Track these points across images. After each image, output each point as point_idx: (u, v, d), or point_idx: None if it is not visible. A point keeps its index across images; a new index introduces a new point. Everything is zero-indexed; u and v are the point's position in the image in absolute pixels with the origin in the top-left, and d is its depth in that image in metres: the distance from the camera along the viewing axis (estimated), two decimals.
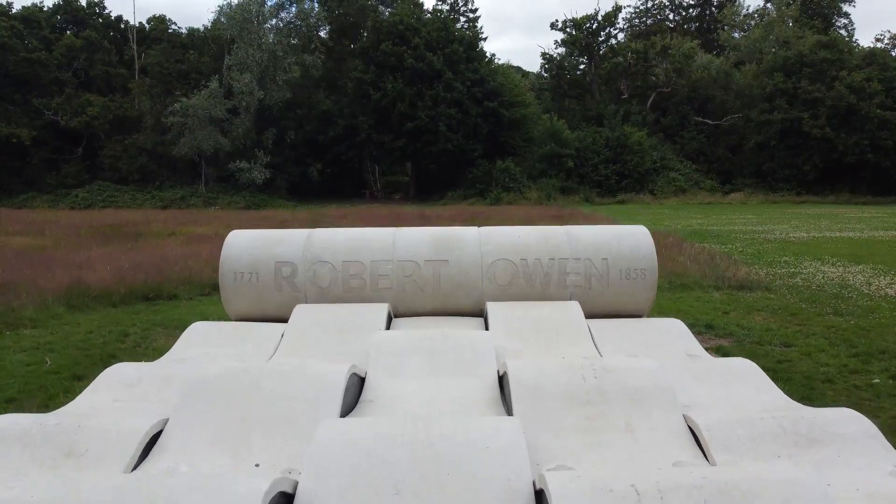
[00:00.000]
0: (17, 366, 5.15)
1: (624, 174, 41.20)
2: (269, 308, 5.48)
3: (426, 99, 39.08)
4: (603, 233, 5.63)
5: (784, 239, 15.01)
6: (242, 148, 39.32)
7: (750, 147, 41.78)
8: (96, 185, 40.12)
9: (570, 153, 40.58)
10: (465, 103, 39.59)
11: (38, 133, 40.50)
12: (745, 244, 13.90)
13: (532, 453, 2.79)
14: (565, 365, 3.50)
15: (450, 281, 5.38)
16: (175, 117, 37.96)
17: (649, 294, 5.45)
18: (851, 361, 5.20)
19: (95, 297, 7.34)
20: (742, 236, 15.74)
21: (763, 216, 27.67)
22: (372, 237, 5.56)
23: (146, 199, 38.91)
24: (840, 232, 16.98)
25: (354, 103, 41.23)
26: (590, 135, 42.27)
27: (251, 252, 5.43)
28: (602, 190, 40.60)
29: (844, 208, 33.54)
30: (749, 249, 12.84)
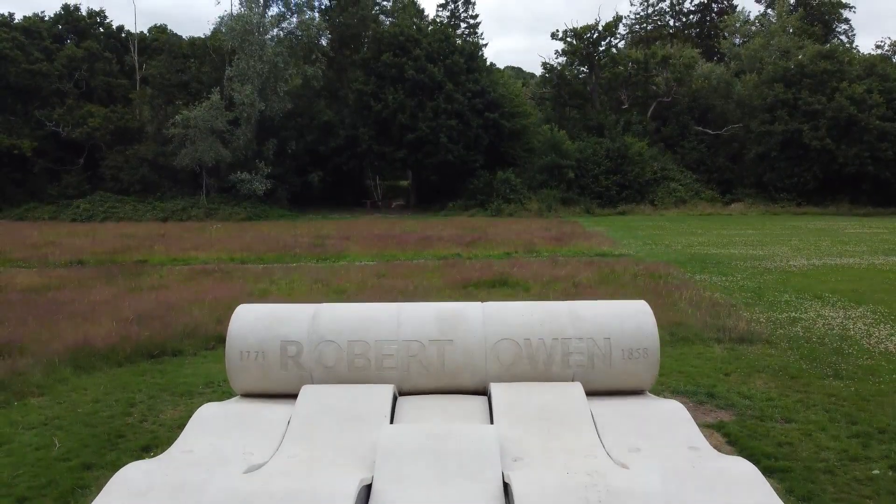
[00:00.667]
0: (26, 451, 5.21)
1: (624, 185, 41.28)
2: (274, 386, 5.55)
3: (427, 110, 39.17)
4: (605, 310, 5.69)
5: (784, 268, 15.08)
6: (243, 159, 39.41)
7: (750, 157, 41.87)
8: (97, 196, 40.21)
9: (571, 164, 40.66)
10: (466, 114, 39.68)
11: (39, 144, 40.60)
12: (746, 276, 13.96)
13: None
14: (571, 487, 3.56)
15: (454, 361, 5.44)
16: (176, 129, 38.05)
17: (651, 372, 5.51)
18: (852, 445, 5.26)
19: (101, 356, 7.41)
20: (742, 264, 15.81)
21: (763, 230, 27.73)
22: (377, 316, 5.62)
23: (147, 210, 39.00)
24: (840, 257, 17.06)
25: (355, 114, 41.33)
26: (590, 145, 42.35)
27: (257, 331, 5.48)
28: (602, 201, 40.68)
29: (845, 221, 33.62)
30: (749, 283, 12.91)
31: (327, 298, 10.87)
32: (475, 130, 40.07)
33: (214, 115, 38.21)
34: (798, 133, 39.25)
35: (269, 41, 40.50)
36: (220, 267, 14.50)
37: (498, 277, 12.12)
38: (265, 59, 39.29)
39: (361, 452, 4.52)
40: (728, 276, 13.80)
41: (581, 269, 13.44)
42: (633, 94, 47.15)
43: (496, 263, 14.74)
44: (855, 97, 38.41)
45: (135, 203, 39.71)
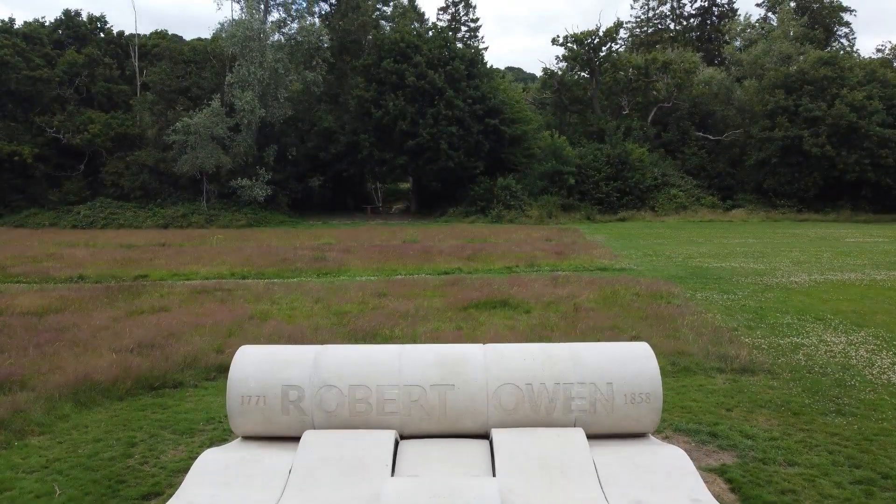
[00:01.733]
0: (26, 499, 5.20)
1: (625, 191, 41.27)
2: (275, 429, 5.53)
3: (427, 116, 39.17)
4: (607, 354, 5.67)
5: (786, 285, 15.08)
6: (244, 165, 39.42)
7: (751, 164, 41.86)
8: (98, 202, 40.22)
9: (571, 170, 40.66)
10: (467, 121, 39.69)
11: (40, 150, 40.63)
12: (747, 293, 13.96)
13: None
14: None
15: (455, 406, 5.43)
16: (177, 135, 38.07)
17: (654, 417, 5.49)
18: (855, 493, 5.25)
19: (102, 391, 7.40)
20: (743, 280, 15.81)
21: (764, 239, 27.72)
22: (378, 359, 5.61)
23: (147, 216, 39.02)
24: (842, 272, 17.07)
25: (356, 120, 41.33)
26: (591, 151, 42.35)
27: (259, 375, 5.47)
28: (603, 207, 40.68)
29: (845, 228, 33.59)
30: (751, 303, 12.90)
31: (328, 321, 10.87)
32: (476, 137, 40.08)
33: (215, 122, 38.23)
34: (798, 139, 39.25)
35: (270, 47, 40.50)
36: (221, 285, 14.49)
37: (498, 298, 12.10)
38: (266, 65, 39.31)
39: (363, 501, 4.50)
40: (729, 294, 13.79)
41: (582, 289, 13.43)
42: (634, 99, 47.16)
43: (497, 281, 14.74)
44: (855, 104, 38.41)
45: (135, 209, 39.72)
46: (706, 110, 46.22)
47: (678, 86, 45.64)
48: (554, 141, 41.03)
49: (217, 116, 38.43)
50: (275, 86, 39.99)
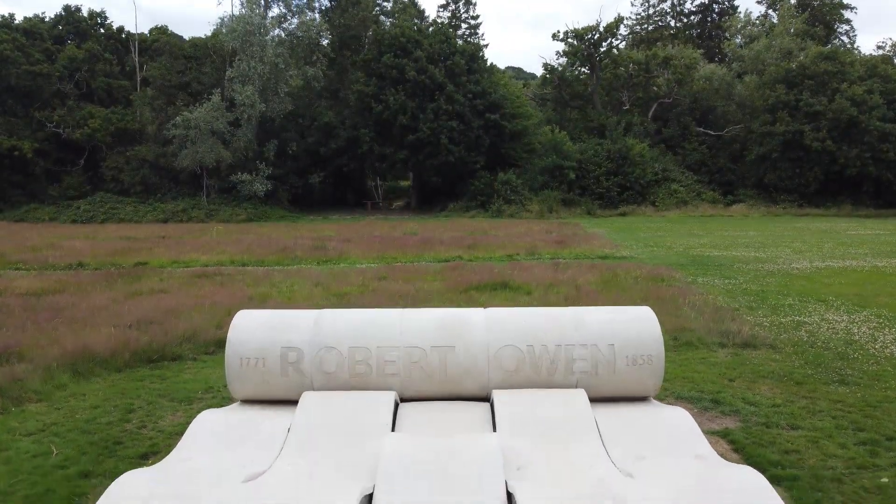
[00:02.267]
0: (23, 458, 5.15)
1: (625, 186, 41.21)
2: (274, 392, 5.48)
3: (428, 111, 39.12)
4: (609, 317, 5.63)
5: (787, 271, 15.02)
6: (244, 160, 39.37)
7: (751, 159, 41.79)
8: (98, 197, 40.17)
9: (572, 165, 40.60)
10: (467, 115, 39.64)
11: (40, 145, 40.58)
12: (748, 278, 13.90)
13: None
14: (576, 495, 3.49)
15: (456, 367, 5.38)
16: (177, 130, 38.03)
17: (656, 380, 5.44)
18: (859, 453, 5.20)
19: (100, 362, 7.35)
20: (744, 267, 15.74)
21: (765, 232, 27.64)
22: (378, 321, 5.56)
23: (148, 210, 38.97)
24: (843, 260, 17.00)
25: (356, 115, 41.28)
26: (591, 146, 42.30)
27: (258, 337, 5.42)
28: (604, 202, 40.63)
29: (846, 222, 33.55)
30: (752, 287, 12.84)
31: (328, 302, 10.82)
32: (476, 131, 40.03)
33: (215, 116, 38.19)
34: (799, 134, 39.18)
35: (270, 42, 40.46)
36: (221, 270, 14.45)
37: (499, 281, 12.05)
38: (266, 59, 39.26)
39: (362, 463, 4.46)
40: (730, 279, 13.74)
41: (583, 273, 13.38)
42: (634, 95, 47.09)
43: (497, 267, 14.69)
44: (856, 98, 38.35)
45: (135, 204, 39.67)
46: (707, 106, 46.15)
47: (679, 81, 45.58)
48: (554, 136, 40.97)
49: (217, 111, 38.39)
50: (275, 80, 39.94)
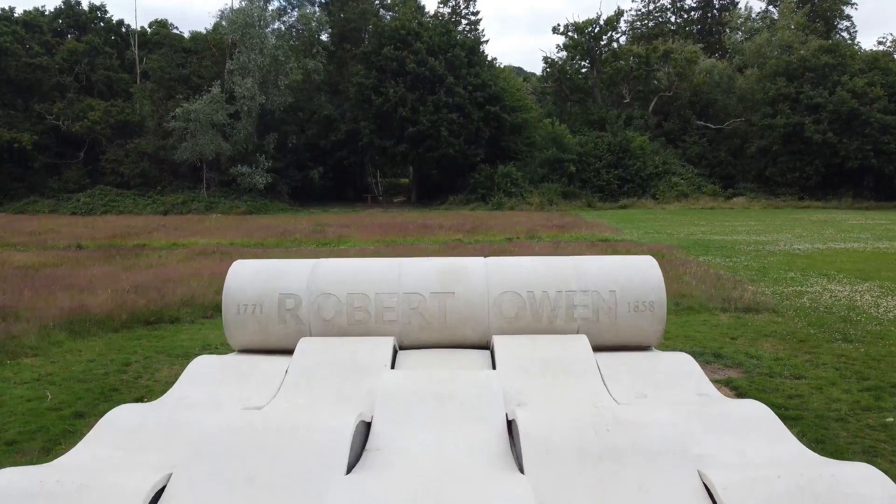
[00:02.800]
0: (17, 402, 5.09)
1: (626, 179, 41.13)
2: (272, 340, 5.41)
3: (428, 104, 39.04)
4: (611, 264, 5.56)
5: (788, 251, 14.94)
6: (244, 153, 39.30)
7: (752, 152, 41.72)
8: (98, 190, 40.09)
9: (572, 158, 40.52)
10: (467, 108, 39.56)
11: (39, 138, 40.50)
12: (750, 258, 13.82)
13: None
14: (577, 417, 3.43)
15: (456, 314, 5.31)
16: (177, 122, 37.96)
17: (658, 327, 5.37)
18: (863, 397, 5.13)
19: (97, 322, 7.28)
20: (746, 248, 15.67)
21: (766, 223, 27.58)
22: (377, 269, 5.49)
23: (147, 203, 38.89)
24: (845, 243, 16.91)
25: (356, 108, 41.19)
26: (591, 139, 42.23)
27: (255, 284, 5.36)
28: (604, 195, 40.54)
29: (847, 214, 33.46)
30: (754, 264, 12.76)
31: None
32: (476, 124, 39.95)
33: (215, 108, 38.11)
34: (800, 127, 39.10)
35: (270, 34, 40.40)
36: (220, 248, 14.38)
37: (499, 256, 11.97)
38: (266, 52, 39.19)
39: (361, 398, 4.40)
40: (732, 258, 13.67)
41: (583, 251, 13.31)
42: (635, 88, 47.00)
43: (497, 246, 14.63)
44: (857, 91, 38.27)
45: (135, 197, 39.61)
46: (707, 99, 46.07)
47: (679, 75, 45.51)
48: (555, 128, 40.88)
49: (217, 103, 38.32)
50: (275, 73, 39.86)
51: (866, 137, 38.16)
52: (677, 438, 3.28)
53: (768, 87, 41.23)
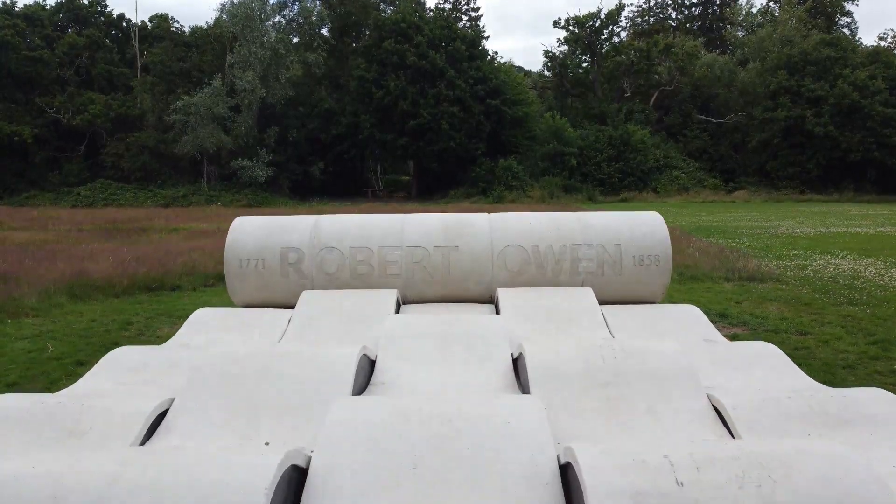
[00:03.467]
0: (18, 353, 5.06)
1: (627, 172, 41.05)
2: (275, 295, 5.37)
3: (428, 97, 38.98)
4: (615, 219, 5.52)
5: (791, 234, 14.91)
6: (245, 146, 39.24)
7: (753, 145, 41.65)
8: (98, 184, 40.03)
9: (573, 151, 40.45)
10: (468, 101, 39.49)
11: (40, 131, 40.43)
12: (753, 239, 13.80)
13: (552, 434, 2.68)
14: (583, 346, 3.39)
15: (460, 267, 5.27)
16: (177, 115, 37.91)
17: (663, 280, 5.33)
18: (871, 348, 5.09)
19: (98, 287, 7.25)
20: (748, 231, 15.64)
21: (768, 213, 27.54)
22: (380, 223, 5.45)
23: (148, 196, 38.85)
24: (847, 227, 16.88)
25: (357, 101, 41.13)
26: (592, 133, 42.17)
27: (257, 238, 5.32)
28: (605, 188, 40.47)
29: (849, 206, 33.41)
30: (757, 244, 12.73)
31: None
32: (477, 117, 39.88)
33: (216, 102, 38.06)
34: (801, 119, 39.02)
35: (271, 27, 40.35)
36: (221, 230, 14.34)
37: None
38: (266, 45, 39.15)
39: (366, 340, 4.35)
40: (735, 239, 13.63)
41: None
42: (636, 82, 46.92)
43: None
44: (858, 83, 38.19)
45: (135, 190, 39.55)
46: (708, 93, 45.98)
47: (680, 69, 45.43)
48: (555, 122, 40.81)
49: (218, 96, 38.26)
50: (275, 66, 39.81)
51: (868, 130, 38.07)
52: (685, 364, 3.24)
53: (769, 80, 41.15)
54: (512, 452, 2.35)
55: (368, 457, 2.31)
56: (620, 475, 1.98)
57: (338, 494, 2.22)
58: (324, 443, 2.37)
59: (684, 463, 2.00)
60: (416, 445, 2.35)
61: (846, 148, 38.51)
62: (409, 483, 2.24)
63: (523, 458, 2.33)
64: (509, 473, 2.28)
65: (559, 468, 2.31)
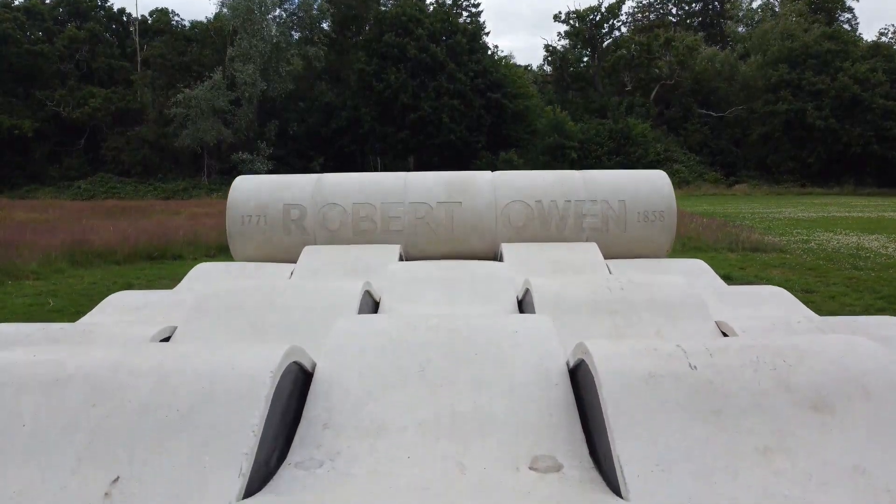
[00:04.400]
0: (19, 306, 5.04)
1: (627, 166, 40.94)
2: (277, 252, 5.34)
3: (429, 90, 38.92)
4: (620, 176, 5.50)
5: (793, 217, 14.91)
6: (245, 140, 39.18)
7: (754, 139, 41.60)
8: (98, 177, 39.97)
9: (574, 145, 40.40)
10: (468, 95, 39.43)
11: (40, 125, 40.34)
12: (755, 221, 13.79)
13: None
14: (590, 281, 3.35)
15: (463, 223, 5.24)
16: (178, 108, 37.85)
17: (668, 237, 5.30)
18: (877, 302, 5.07)
19: (98, 254, 7.22)
20: (750, 216, 15.64)
21: (769, 204, 27.54)
22: (383, 180, 5.43)
23: (148, 190, 38.79)
24: (849, 212, 16.87)
25: (357, 95, 41.06)
26: (593, 126, 42.12)
27: (259, 195, 5.29)
28: None
29: (850, 199, 33.36)
30: (759, 225, 12.72)
31: None
32: (477, 111, 39.82)
33: (216, 95, 37.99)
34: (802, 112, 38.96)
35: (272, 21, 40.30)
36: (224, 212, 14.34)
37: None
38: (267, 38, 39.08)
39: (370, 285, 4.31)
40: (737, 222, 13.61)
41: None
42: (636, 76, 46.88)
43: None
44: (859, 76, 38.13)
45: (136, 184, 39.48)
46: (709, 87, 45.92)
47: (681, 63, 45.39)
48: (556, 115, 40.77)
49: (218, 90, 38.20)
50: (276, 60, 39.74)
51: (868, 123, 38.02)
52: (694, 295, 3.21)
53: (770, 73, 41.09)
54: (520, 357, 2.32)
55: (375, 360, 2.28)
56: (633, 360, 1.95)
57: (344, 395, 2.18)
58: (330, 348, 2.34)
59: (698, 351, 1.97)
60: (423, 350, 2.31)
61: (847, 141, 38.46)
62: (416, 383, 2.21)
63: (531, 361, 2.30)
64: (517, 375, 2.25)
65: (570, 373, 2.28)
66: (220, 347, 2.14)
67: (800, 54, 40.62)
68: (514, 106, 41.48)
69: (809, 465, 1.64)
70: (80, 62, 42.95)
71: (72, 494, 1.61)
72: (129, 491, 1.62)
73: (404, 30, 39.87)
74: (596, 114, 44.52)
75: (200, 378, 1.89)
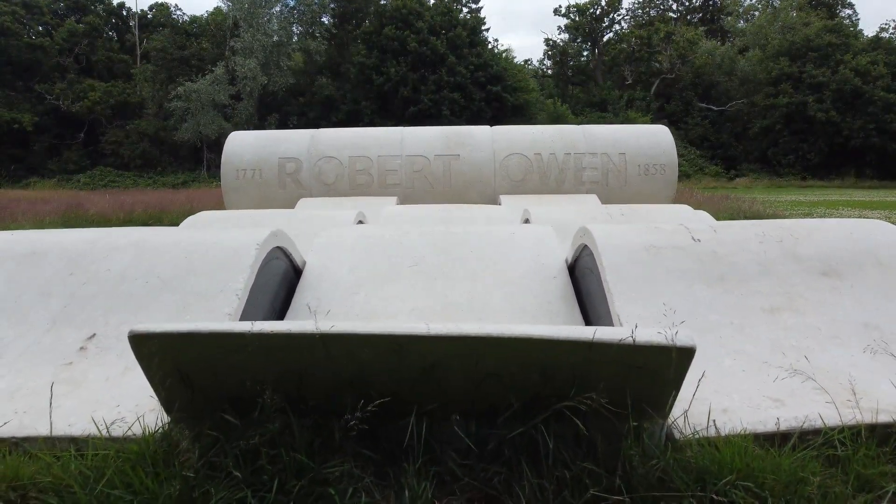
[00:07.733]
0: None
1: None
2: (272, 206, 5.26)
3: (429, 83, 38.82)
4: (620, 130, 5.43)
5: (794, 201, 14.85)
6: None
7: (754, 132, 41.52)
8: (98, 171, 39.92)
9: None
10: (469, 88, 39.33)
11: (39, 119, 40.30)
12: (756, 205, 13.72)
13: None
14: (589, 209, 3.28)
15: (461, 176, 5.16)
16: (178, 101, 37.80)
17: (669, 192, 5.23)
18: None
19: (93, 221, 7.16)
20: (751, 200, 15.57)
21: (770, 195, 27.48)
22: (379, 134, 5.35)
23: (147, 184, 38.70)
24: (851, 197, 16.81)
25: (357, 88, 40.97)
26: (594, 120, 42.04)
27: (254, 150, 5.22)
28: None
29: (851, 191, 33.30)
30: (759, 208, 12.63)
31: None
32: (478, 104, 39.71)
33: (216, 89, 37.92)
34: (803, 105, 38.88)
35: (273, 15, 40.23)
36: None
37: None
38: (268, 32, 39.01)
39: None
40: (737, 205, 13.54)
41: None
42: (637, 70, 46.81)
43: None
44: (860, 69, 38.04)
45: (135, 177, 39.41)
46: (709, 81, 45.83)
47: (681, 57, 45.31)
48: (556, 108, 40.70)
49: (219, 84, 38.13)
50: (277, 54, 39.67)
51: (869, 116, 37.93)
52: (692, 215, 3.14)
53: (771, 66, 41.01)
54: (516, 255, 2.25)
55: (366, 256, 2.21)
56: (634, 236, 1.88)
57: (333, 286, 2.11)
58: (320, 246, 2.27)
59: (702, 228, 1.90)
60: (416, 247, 2.25)
61: (847, 134, 38.37)
62: (409, 277, 2.14)
63: (528, 258, 2.23)
64: (514, 270, 2.18)
65: (570, 271, 2.21)
66: (208, 231, 2.07)
67: (801, 47, 40.54)
68: (514, 99, 41.37)
69: (819, 321, 1.57)
70: (80, 56, 42.90)
71: (45, 348, 1.55)
72: (104, 345, 1.55)
73: (404, 23, 39.78)
74: (596, 108, 44.46)
75: (183, 250, 1.82)
